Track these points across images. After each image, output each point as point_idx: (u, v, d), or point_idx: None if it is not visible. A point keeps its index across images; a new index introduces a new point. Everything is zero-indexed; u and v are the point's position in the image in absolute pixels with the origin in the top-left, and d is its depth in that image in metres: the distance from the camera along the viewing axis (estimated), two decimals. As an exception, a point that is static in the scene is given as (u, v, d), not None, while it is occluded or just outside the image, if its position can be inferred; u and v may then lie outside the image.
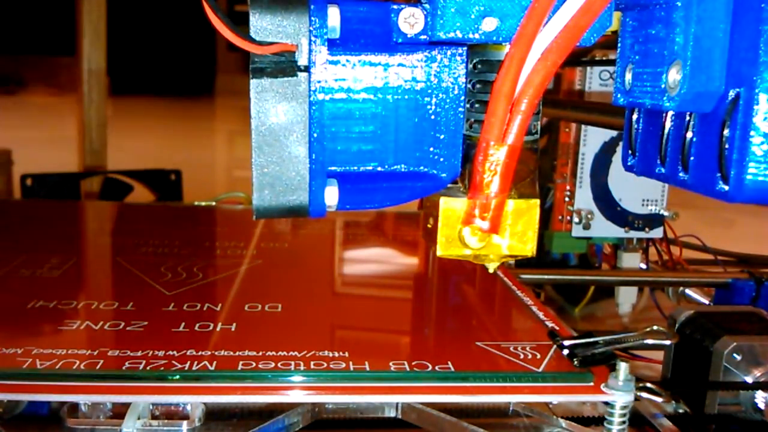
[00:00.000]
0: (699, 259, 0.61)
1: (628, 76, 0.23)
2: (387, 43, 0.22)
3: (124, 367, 0.25)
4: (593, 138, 0.57)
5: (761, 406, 0.30)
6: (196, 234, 0.48)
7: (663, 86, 0.21)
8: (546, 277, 0.49)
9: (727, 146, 0.19)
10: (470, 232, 0.23)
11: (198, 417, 0.25)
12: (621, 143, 0.41)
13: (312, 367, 0.26)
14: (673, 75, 0.20)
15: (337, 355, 0.27)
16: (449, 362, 0.26)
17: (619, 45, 0.24)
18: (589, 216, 0.58)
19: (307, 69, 0.22)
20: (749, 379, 0.31)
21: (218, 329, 0.29)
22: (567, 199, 0.60)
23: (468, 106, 0.23)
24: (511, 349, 0.28)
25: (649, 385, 0.27)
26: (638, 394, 0.26)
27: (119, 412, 0.24)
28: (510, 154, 0.21)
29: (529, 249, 0.24)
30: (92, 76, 0.92)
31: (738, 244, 0.63)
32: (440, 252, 0.24)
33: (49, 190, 0.73)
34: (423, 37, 0.22)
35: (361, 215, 0.54)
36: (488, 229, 0.22)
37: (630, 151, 0.25)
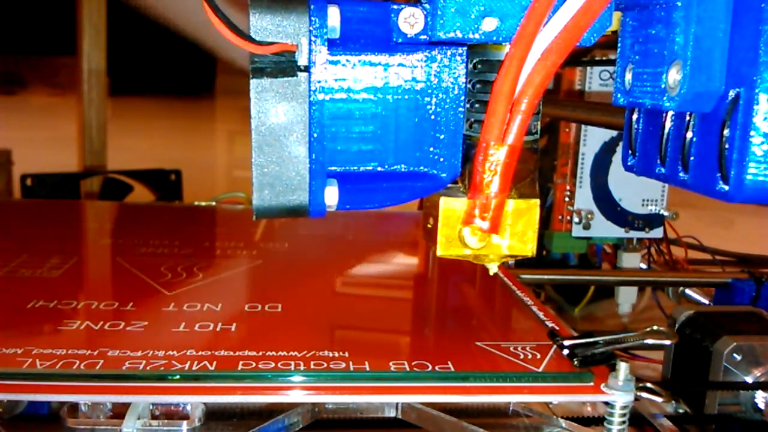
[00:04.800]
0: (699, 259, 0.61)
1: (628, 76, 0.23)
2: (387, 43, 0.22)
3: (124, 367, 0.25)
4: (593, 138, 0.57)
5: (761, 406, 0.30)
6: (196, 234, 0.48)
7: (663, 86, 0.21)
8: (546, 277, 0.49)
9: (727, 146, 0.19)
10: (470, 232, 0.23)
11: (198, 417, 0.25)
12: (621, 143, 0.41)
13: (312, 367, 0.26)
14: (673, 75, 0.20)
15: (337, 355, 0.27)
16: (449, 362, 0.26)
17: (619, 45, 0.24)
18: (589, 216, 0.58)
19: (307, 69, 0.22)
20: (749, 379, 0.31)
21: (218, 329, 0.29)
22: (567, 199, 0.60)
23: (468, 106, 0.23)
24: (511, 349, 0.28)
25: (649, 385, 0.27)
26: (638, 394, 0.26)
27: (119, 412, 0.24)
28: (510, 154, 0.21)
29: (529, 249, 0.24)
30: (92, 76, 0.92)
31: (738, 244, 0.63)
32: (440, 252, 0.24)
33: (49, 190, 0.73)
34: (423, 37, 0.22)
35: (361, 215, 0.54)
36: (488, 229, 0.22)
37: (630, 151, 0.25)
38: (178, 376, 0.25)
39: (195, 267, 0.39)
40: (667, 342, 0.28)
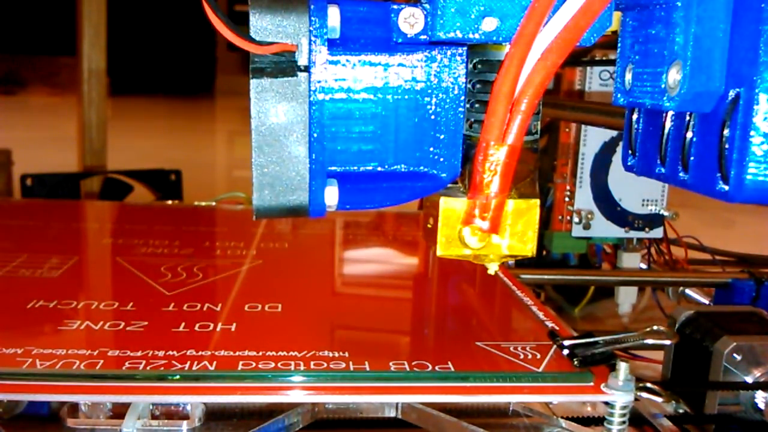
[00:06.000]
0: (699, 259, 0.61)
1: (628, 76, 0.23)
2: (387, 43, 0.22)
3: (124, 367, 0.25)
4: (593, 138, 0.57)
5: (761, 406, 0.30)
6: (196, 234, 0.48)
7: (663, 86, 0.21)
8: (546, 277, 0.49)
9: (727, 146, 0.19)
10: (470, 232, 0.23)
11: (198, 417, 0.25)
12: (621, 143, 0.41)
13: (312, 367, 0.26)
14: (673, 75, 0.20)
15: (337, 355, 0.27)
16: (449, 362, 0.26)
17: (619, 45, 0.24)
18: (589, 216, 0.58)
19: (307, 69, 0.22)
20: (749, 379, 0.31)
21: (218, 329, 0.29)
22: (567, 199, 0.60)
23: (468, 106, 0.23)
24: (511, 349, 0.28)
25: (649, 385, 0.27)
26: (638, 394, 0.26)
27: (119, 412, 0.24)
28: (510, 154, 0.21)
29: (529, 249, 0.24)
30: (92, 76, 0.92)
31: (738, 244, 0.63)
32: (440, 252, 0.24)
33: (49, 190, 0.73)
34: (423, 37, 0.22)
35: (361, 215, 0.54)
36: (488, 229, 0.22)
37: (630, 151, 0.25)
38: (178, 376, 0.25)
39: (195, 267, 0.39)
40: (667, 342, 0.28)
